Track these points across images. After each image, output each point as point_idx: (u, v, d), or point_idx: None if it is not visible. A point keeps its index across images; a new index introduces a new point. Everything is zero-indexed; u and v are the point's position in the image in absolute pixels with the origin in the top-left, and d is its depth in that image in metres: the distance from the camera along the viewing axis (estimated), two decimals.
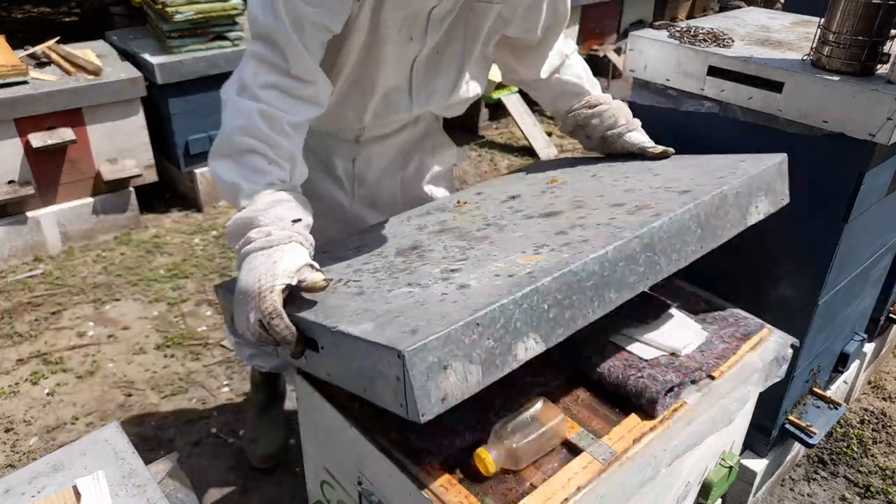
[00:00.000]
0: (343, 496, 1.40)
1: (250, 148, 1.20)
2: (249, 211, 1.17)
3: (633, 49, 1.75)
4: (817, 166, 1.55)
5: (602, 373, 1.34)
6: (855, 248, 1.72)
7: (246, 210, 1.18)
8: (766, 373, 1.48)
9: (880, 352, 2.62)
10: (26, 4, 7.72)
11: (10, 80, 3.00)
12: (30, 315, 2.87)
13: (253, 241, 1.15)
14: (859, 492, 2.18)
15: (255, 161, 1.20)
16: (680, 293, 1.64)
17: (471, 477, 1.14)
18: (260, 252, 1.14)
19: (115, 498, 1.07)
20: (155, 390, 2.50)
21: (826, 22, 1.52)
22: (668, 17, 6.86)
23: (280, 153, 1.22)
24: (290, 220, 1.18)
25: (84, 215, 3.35)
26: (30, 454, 2.22)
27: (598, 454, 1.18)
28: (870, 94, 1.41)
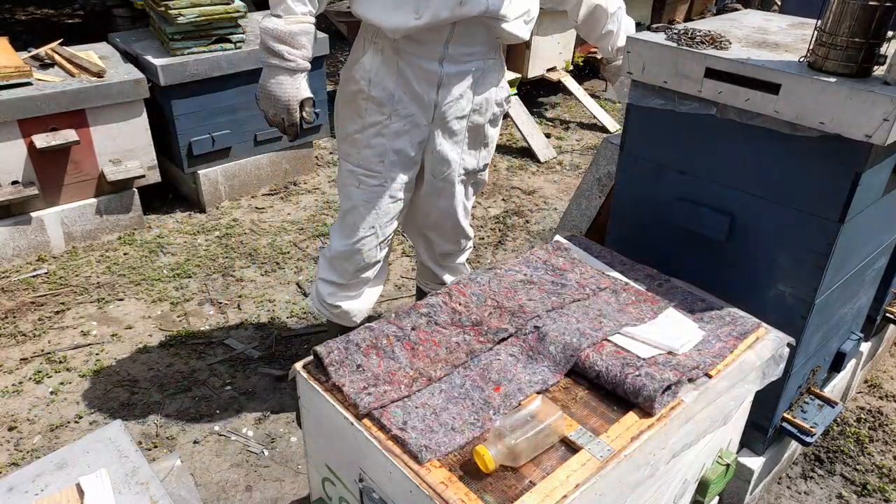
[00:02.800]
0: (344, 493, 1.41)
1: None
2: (290, 29, 1.73)
3: (631, 51, 1.76)
4: (814, 167, 1.57)
5: (600, 371, 1.35)
6: (851, 249, 1.73)
7: (288, 25, 1.73)
8: (763, 371, 1.49)
9: (877, 351, 2.63)
10: (30, 6, 7.74)
11: (14, 82, 3.02)
12: (33, 314, 2.89)
13: (286, 57, 1.75)
14: (856, 490, 2.19)
15: None
16: (677, 292, 1.65)
17: (470, 474, 1.15)
18: (287, 73, 1.78)
19: (117, 496, 1.08)
20: (158, 389, 2.51)
21: (823, 24, 1.53)
22: (665, 20, 6.86)
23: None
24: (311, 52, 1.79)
25: (87, 215, 3.37)
26: (33, 452, 2.24)
27: (596, 452, 1.19)
28: (866, 95, 1.42)
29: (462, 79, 1.89)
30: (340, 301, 2.18)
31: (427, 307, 1.51)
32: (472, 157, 2.08)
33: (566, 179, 4.46)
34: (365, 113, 1.92)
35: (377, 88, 1.88)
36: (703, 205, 1.78)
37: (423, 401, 1.28)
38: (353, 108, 1.95)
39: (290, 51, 1.75)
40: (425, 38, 1.78)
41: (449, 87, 1.89)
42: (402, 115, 1.91)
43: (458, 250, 2.32)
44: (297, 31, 1.74)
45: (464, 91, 1.91)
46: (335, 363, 1.33)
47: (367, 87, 1.89)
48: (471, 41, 1.84)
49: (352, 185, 2.02)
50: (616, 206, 2.02)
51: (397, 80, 1.87)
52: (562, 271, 1.70)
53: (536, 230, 3.79)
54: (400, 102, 1.89)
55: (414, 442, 1.18)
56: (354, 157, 1.98)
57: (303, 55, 1.78)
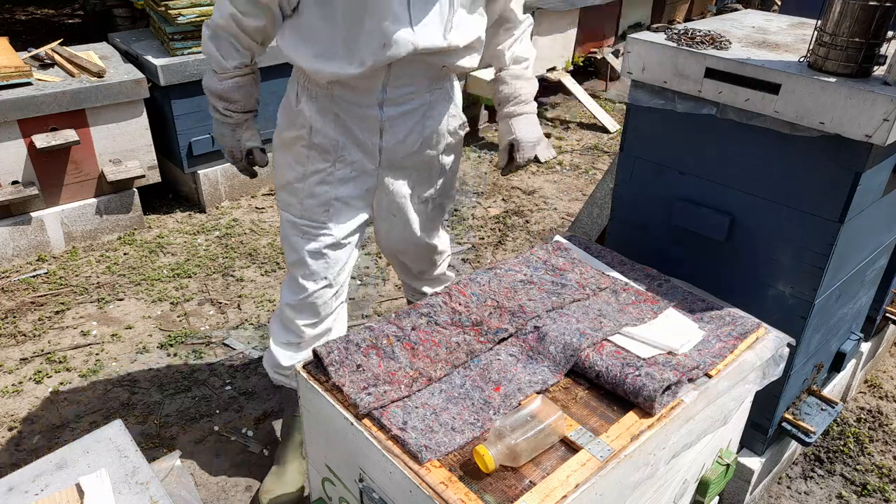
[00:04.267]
0: (344, 493, 1.41)
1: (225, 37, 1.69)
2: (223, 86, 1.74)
3: (631, 51, 1.76)
4: (814, 167, 1.57)
5: (600, 371, 1.35)
6: (851, 249, 1.73)
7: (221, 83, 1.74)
8: (763, 371, 1.49)
9: (877, 351, 2.63)
10: (30, 6, 7.74)
11: (14, 82, 3.02)
12: (33, 314, 2.89)
13: (223, 112, 1.78)
14: (856, 490, 2.19)
15: (227, 45, 1.70)
16: (677, 292, 1.65)
17: (470, 474, 1.15)
18: (227, 127, 1.82)
19: (117, 496, 1.08)
20: (158, 389, 2.51)
21: (823, 24, 1.53)
22: (665, 20, 6.87)
23: (244, 43, 1.70)
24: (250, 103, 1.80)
25: (87, 215, 3.37)
26: (33, 452, 2.24)
27: (596, 452, 1.19)
28: (866, 95, 1.43)
29: (406, 119, 1.76)
30: (302, 357, 1.95)
31: (427, 307, 1.51)
32: (427, 187, 1.96)
33: (566, 179, 4.46)
34: (307, 161, 1.80)
35: (319, 136, 1.77)
36: (703, 205, 1.78)
37: (423, 401, 1.28)
38: (293, 155, 1.82)
39: (226, 106, 1.76)
40: (360, 83, 1.66)
41: (393, 130, 1.76)
42: (347, 161, 1.80)
43: (432, 266, 2.20)
44: (229, 86, 1.73)
45: (410, 130, 1.79)
46: (335, 363, 1.33)
47: (307, 135, 1.77)
48: (411, 80, 1.70)
49: (295, 235, 1.88)
50: (616, 206, 2.02)
51: (337, 127, 1.76)
52: (562, 271, 1.70)
53: (536, 230, 3.79)
54: (344, 149, 1.78)
55: (414, 442, 1.18)
56: (296, 207, 1.84)
57: (239, 108, 1.77)
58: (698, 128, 1.73)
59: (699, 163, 1.77)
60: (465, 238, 3.66)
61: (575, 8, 5.43)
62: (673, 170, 1.82)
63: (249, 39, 1.69)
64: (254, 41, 1.70)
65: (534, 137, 1.89)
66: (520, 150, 1.88)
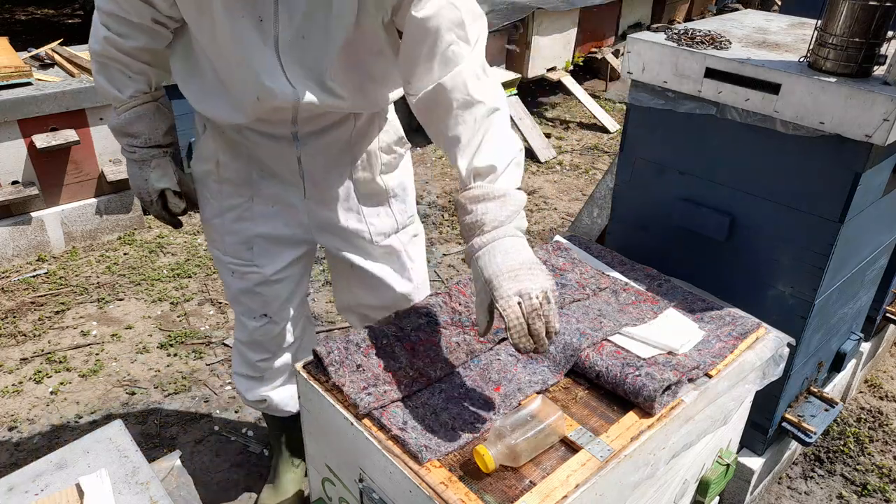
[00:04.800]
0: (344, 493, 1.41)
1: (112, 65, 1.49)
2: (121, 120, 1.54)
3: (631, 51, 1.76)
4: (814, 167, 1.57)
5: (600, 371, 1.35)
6: (851, 249, 1.73)
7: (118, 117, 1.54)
8: (763, 371, 1.49)
9: (877, 351, 2.63)
10: (30, 6, 7.73)
11: (14, 82, 3.02)
12: (33, 314, 2.89)
13: (127, 151, 1.58)
14: (856, 490, 2.19)
15: (117, 74, 1.50)
16: (677, 292, 1.65)
17: (470, 474, 1.15)
18: (134, 164, 1.60)
19: (117, 496, 1.08)
20: (158, 389, 2.51)
21: (823, 24, 1.53)
22: (665, 20, 6.87)
23: (135, 69, 1.49)
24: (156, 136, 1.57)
25: (87, 215, 3.37)
26: (33, 452, 2.24)
27: (596, 452, 1.19)
28: (866, 95, 1.43)
29: (328, 147, 1.55)
30: (265, 393, 1.89)
31: (427, 307, 1.51)
32: (379, 216, 1.69)
33: (566, 179, 4.46)
34: (220, 196, 1.63)
35: (229, 170, 1.59)
36: (703, 205, 1.78)
37: (423, 401, 1.28)
38: (207, 189, 1.65)
39: (129, 142, 1.56)
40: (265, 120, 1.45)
41: (313, 159, 1.56)
42: (265, 195, 1.61)
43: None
44: (127, 119, 1.53)
45: (335, 157, 1.57)
46: (335, 363, 1.33)
47: (216, 168, 1.60)
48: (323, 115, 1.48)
49: (225, 273, 1.73)
50: (616, 206, 2.02)
51: (248, 161, 1.58)
52: (562, 271, 1.69)
53: (536, 230, 3.79)
54: (261, 183, 1.60)
55: (414, 442, 1.17)
56: (219, 243, 1.69)
57: (142, 142, 1.56)
58: (698, 128, 1.73)
59: (699, 163, 1.77)
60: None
61: (575, 8, 5.43)
62: (673, 170, 1.82)
63: (138, 62, 1.48)
64: (144, 63, 1.49)
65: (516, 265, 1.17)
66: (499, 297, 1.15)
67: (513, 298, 1.14)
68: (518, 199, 1.24)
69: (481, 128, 1.27)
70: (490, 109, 1.28)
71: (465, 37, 1.28)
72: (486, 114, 1.27)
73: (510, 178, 1.26)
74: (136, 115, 1.53)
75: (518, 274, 1.16)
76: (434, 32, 1.26)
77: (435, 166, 4.53)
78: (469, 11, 1.29)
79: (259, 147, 1.53)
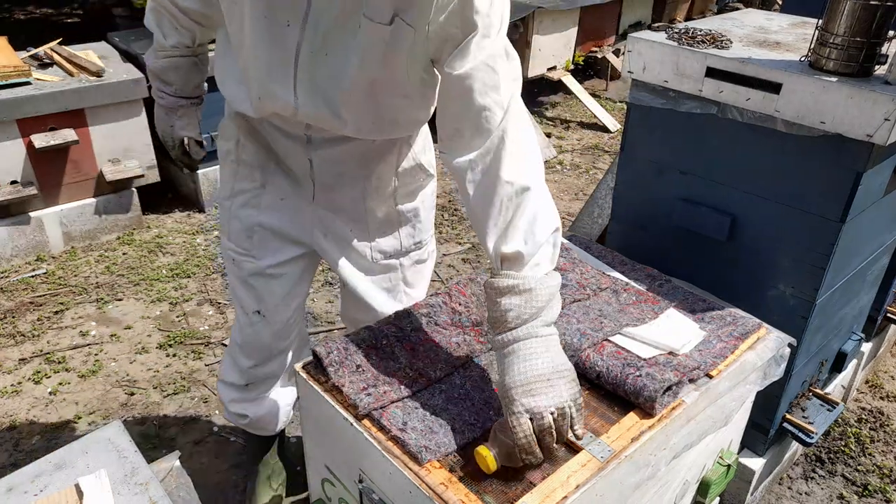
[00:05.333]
0: (344, 494, 1.41)
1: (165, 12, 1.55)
2: (158, 65, 1.62)
3: (632, 50, 1.76)
4: (815, 167, 1.56)
5: (601, 371, 1.35)
6: (852, 249, 1.73)
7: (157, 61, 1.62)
8: (764, 372, 1.48)
9: (878, 351, 2.62)
10: (29, 6, 7.73)
11: (13, 81, 3.01)
12: (32, 314, 2.88)
13: (158, 95, 1.68)
14: (857, 490, 2.19)
15: (167, 22, 1.57)
16: (678, 292, 1.65)
17: (470, 475, 1.15)
18: (162, 109, 1.71)
19: (117, 496, 1.07)
20: (157, 389, 2.51)
21: (824, 23, 1.53)
22: (666, 19, 6.87)
23: (183, 23, 1.55)
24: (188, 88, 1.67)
25: (86, 215, 3.36)
26: (32, 453, 2.23)
27: (596, 452, 1.19)
28: (867, 94, 1.42)
29: (341, 156, 1.49)
30: (245, 408, 1.88)
31: (427, 307, 1.50)
32: (385, 236, 1.63)
33: (566, 179, 4.46)
34: (234, 177, 1.60)
35: (247, 151, 1.56)
36: (704, 205, 1.78)
37: (423, 401, 1.28)
38: (226, 169, 1.63)
39: (160, 87, 1.65)
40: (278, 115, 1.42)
41: (325, 165, 1.51)
42: (277, 185, 1.58)
43: None
44: (164, 66, 1.61)
45: (347, 168, 1.52)
46: (335, 363, 1.32)
47: (235, 148, 1.57)
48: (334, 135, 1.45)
49: (227, 261, 1.71)
50: (616, 206, 2.01)
51: (268, 151, 1.56)
52: (562, 271, 1.69)
53: None
54: (275, 175, 1.58)
55: (414, 442, 1.17)
56: (225, 228, 1.67)
57: (173, 91, 1.65)
58: (699, 127, 1.73)
59: (700, 162, 1.76)
60: (465, 238, 3.66)
61: (575, 7, 5.43)
62: (674, 169, 1.82)
63: (188, 19, 1.54)
64: (194, 21, 1.55)
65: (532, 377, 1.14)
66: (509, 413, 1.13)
67: (523, 416, 1.11)
68: (547, 289, 1.18)
69: (509, 209, 1.20)
70: (521, 189, 1.19)
71: (501, 102, 1.21)
72: (515, 194, 1.19)
73: (541, 263, 1.19)
74: (173, 65, 1.61)
75: (533, 388, 1.13)
76: (468, 93, 1.19)
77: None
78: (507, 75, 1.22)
79: (274, 140, 1.53)
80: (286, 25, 1.25)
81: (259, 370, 1.81)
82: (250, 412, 1.89)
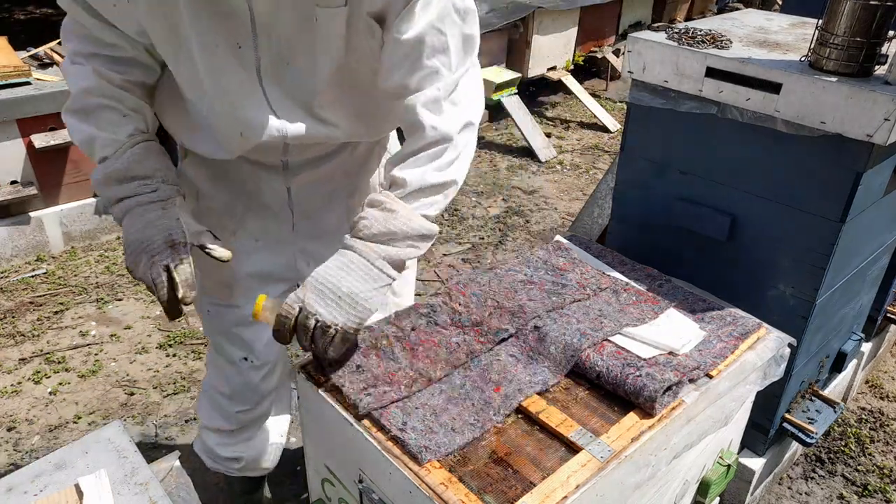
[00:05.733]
0: (344, 494, 1.41)
1: (101, 105, 1.24)
2: (123, 161, 1.22)
3: (632, 50, 1.76)
4: (815, 167, 1.56)
5: (601, 371, 1.34)
6: (852, 248, 1.73)
7: (118, 159, 1.22)
8: (764, 372, 1.48)
9: (878, 351, 2.62)
10: (29, 6, 7.73)
11: (13, 81, 3.01)
12: (32, 314, 2.88)
13: (140, 193, 1.21)
14: (857, 490, 2.19)
15: (108, 115, 1.25)
16: (678, 292, 1.65)
17: (470, 475, 1.15)
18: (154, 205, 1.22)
19: (117, 496, 1.07)
20: (157, 389, 2.51)
21: (824, 23, 1.53)
22: (666, 19, 6.87)
23: (130, 105, 1.26)
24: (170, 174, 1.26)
25: (86, 215, 3.36)
26: (32, 453, 2.23)
27: (596, 452, 1.19)
28: (867, 94, 1.42)
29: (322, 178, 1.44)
30: (237, 451, 1.78)
31: (427, 307, 1.50)
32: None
33: (567, 179, 4.46)
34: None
35: (212, 200, 1.46)
36: (704, 205, 1.78)
37: (423, 401, 1.28)
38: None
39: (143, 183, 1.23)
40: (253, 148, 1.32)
41: (305, 191, 1.45)
42: (250, 230, 1.47)
43: None
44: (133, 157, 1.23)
45: (329, 189, 1.47)
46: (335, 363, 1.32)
47: (195, 200, 1.46)
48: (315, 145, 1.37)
49: (203, 314, 1.61)
50: (616, 206, 2.01)
51: (234, 192, 1.44)
52: (562, 271, 1.69)
53: (537, 230, 3.79)
54: (246, 216, 1.46)
55: (414, 443, 1.17)
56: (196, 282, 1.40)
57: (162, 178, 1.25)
58: (699, 127, 1.73)
59: (700, 162, 1.76)
60: (465, 238, 3.66)
61: (575, 7, 5.43)
62: (674, 169, 1.82)
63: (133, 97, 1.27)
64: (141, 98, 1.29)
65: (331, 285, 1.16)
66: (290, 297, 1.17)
67: (297, 304, 1.16)
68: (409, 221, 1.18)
69: (421, 146, 1.22)
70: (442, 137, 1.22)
71: (449, 64, 1.22)
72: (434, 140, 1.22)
73: (418, 202, 1.21)
74: (144, 150, 1.24)
75: (323, 291, 1.16)
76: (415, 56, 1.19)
77: None
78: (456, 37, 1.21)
79: (246, 176, 1.41)
80: (238, 48, 1.18)
81: (251, 413, 1.73)
82: (244, 453, 1.80)
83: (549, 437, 1.24)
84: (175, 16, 1.15)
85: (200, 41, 1.16)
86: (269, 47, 1.19)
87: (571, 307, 1.55)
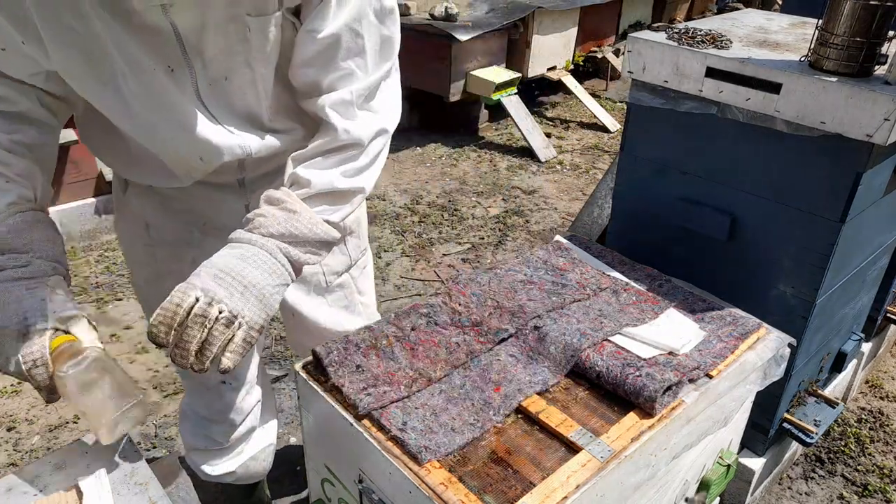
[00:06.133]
0: (344, 494, 1.41)
1: None
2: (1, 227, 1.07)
3: (632, 50, 1.76)
4: (815, 167, 1.56)
5: (601, 371, 1.34)
6: (852, 249, 1.73)
7: None
8: (764, 372, 1.48)
9: (878, 351, 2.62)
10: None
11: None
12: None
13: (6, 268, 1.05)
14: (857, 490, 2.19)
15: None
16: (678, 292, 1.65)
17: (470, 475, 1.15)
18: (19, 282, 1.05)
19: (116, 497, 1.07)
20: (157, 389, 2.51)
21: (824, 23, 1.53)
22: (666, 19, 6.87)
23: (17, 170, 1.11)
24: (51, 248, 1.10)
25: (86, 215, 3.36)
26: (32, 453, 2.23)
27: (596, 453, 1.19)
28: (867, 94, 1.42)
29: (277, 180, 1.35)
30: (229, 465, 1.76)
31: (427, 307, 1.50)
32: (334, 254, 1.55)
33: (566, 179, 4.46)
34: (154, 261, 1.42)
35: (164, 231, 1.39)
36: (704, 205, 1.78)
37: (423, 401, 1.28)
38: (134, 254, 1.45)
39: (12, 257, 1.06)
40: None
41: None
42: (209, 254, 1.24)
43: None
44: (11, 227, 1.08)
45: None
46: (334, 363, 1.32)
47: (146, 233, 1.40)
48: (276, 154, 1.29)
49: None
50: (616, 206, 2.01)
51: (187, 219, 1.37)
52: (562, 271, 1.69)
53: (537, 230, 3.79)
54: (203, 241, 1.38)
55: (413, 443, 1.17)
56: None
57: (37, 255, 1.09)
58: (699, 127, 1.73)
59: (700, 162, 1.76)
60: (465, 238, 3.66)
61: (575, 7, 5.43)
62: (674, 169, 1.82)
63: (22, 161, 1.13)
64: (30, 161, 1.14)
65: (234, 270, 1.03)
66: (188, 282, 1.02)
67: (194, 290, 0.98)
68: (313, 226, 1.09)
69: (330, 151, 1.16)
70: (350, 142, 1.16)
71: (365, 67, 1.17)
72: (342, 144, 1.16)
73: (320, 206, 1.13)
74: (24, 220, 1.09)
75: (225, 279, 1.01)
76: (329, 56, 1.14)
77: (435, 166, 4.53)
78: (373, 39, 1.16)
79: (199, 199, 1.34)
80: (171, 71, 1.10)
81: (236, 432, 1.71)
82: (236, 466, 1.78)
83: (549, 437, 1.24)
84: (91, 45, 1.04)
85: (132, 71, 1.08)
86: (203, 66, 1.12)
87: (571, 307, 1.55)
